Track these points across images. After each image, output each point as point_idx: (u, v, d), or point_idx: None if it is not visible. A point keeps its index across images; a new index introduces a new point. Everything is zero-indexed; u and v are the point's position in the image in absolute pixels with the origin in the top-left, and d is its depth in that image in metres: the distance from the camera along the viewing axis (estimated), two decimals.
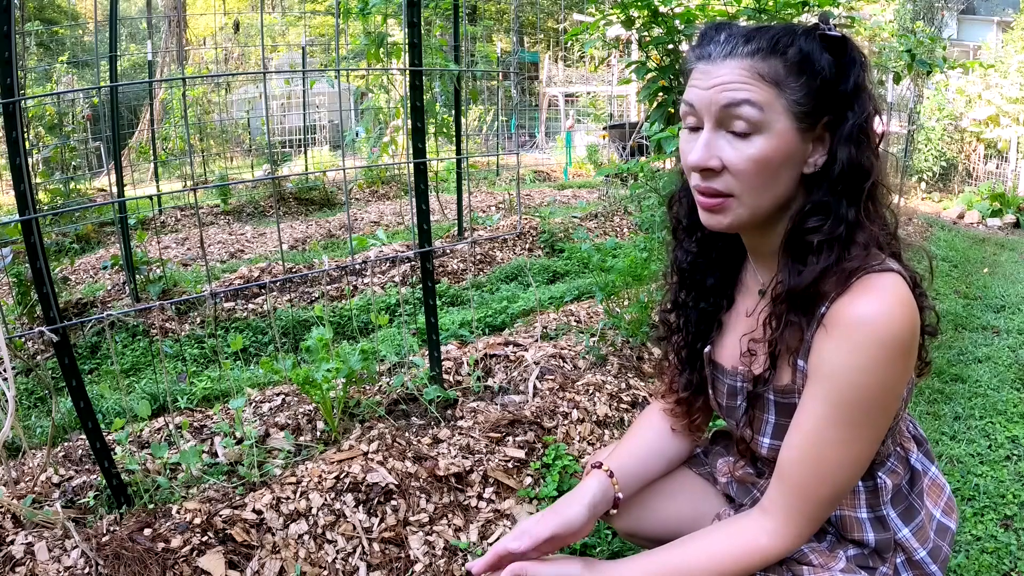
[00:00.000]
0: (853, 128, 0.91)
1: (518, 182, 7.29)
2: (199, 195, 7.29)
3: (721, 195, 0.92)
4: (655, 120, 2.78)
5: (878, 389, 0.88)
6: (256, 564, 1.54)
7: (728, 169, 0.90)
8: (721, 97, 0.89)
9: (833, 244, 0.91)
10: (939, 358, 3.12)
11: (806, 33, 0.91)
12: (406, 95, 2.35)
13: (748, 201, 0.92)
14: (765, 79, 0.88)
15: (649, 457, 1.21)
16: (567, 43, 15.18)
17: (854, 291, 0.88)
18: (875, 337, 0.86)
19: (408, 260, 4.34)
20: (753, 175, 0.90)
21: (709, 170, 0.91)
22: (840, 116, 0.91)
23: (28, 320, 3.35)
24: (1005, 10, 13.49)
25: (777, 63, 0.89)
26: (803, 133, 0.91)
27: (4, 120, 1.44)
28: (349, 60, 7.46)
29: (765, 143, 0.89)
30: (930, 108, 9.27)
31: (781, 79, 0.89)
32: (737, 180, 0.91)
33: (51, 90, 7.21)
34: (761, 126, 0.88)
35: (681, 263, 1.13)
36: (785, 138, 0.89)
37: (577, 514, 1.06)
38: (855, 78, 0.91)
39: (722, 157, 0.90)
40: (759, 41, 0.89)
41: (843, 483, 0.94)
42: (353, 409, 2.22)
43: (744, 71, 0.89)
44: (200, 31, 14.63)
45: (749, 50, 0.89)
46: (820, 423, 0.91)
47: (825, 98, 0.91)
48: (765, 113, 0.88)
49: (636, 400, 2.45)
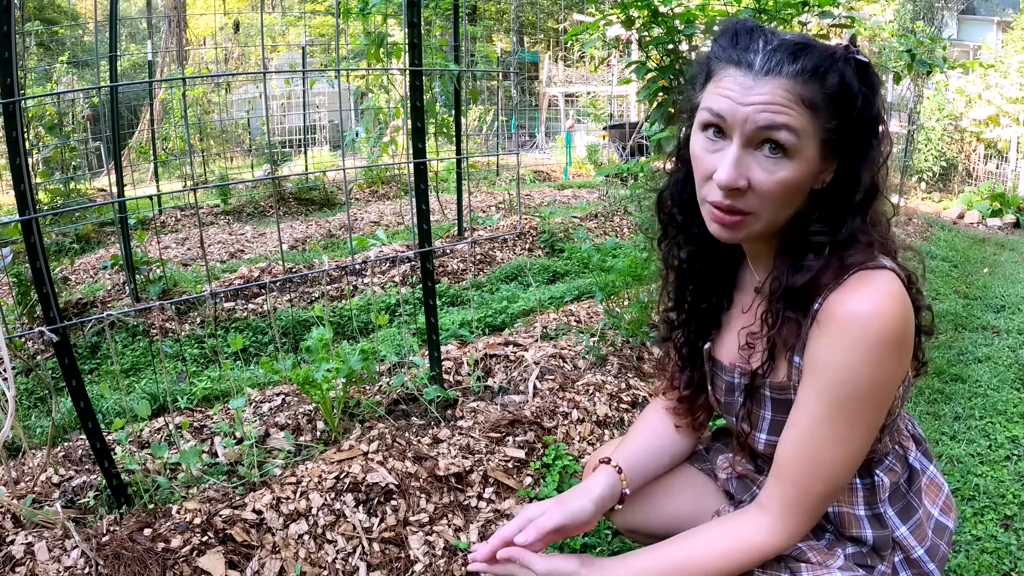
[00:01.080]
0: (876, 155, 0.92)
1: (518, 182, 7.29)
2: (199, 195, 7.29)
3: (742, 213, 0.91)
4: (655, 120, 2.78)
5: (872, 385, 0.89)
6: (256, 564, 1.54)
7: (754, 189, 0.89)
8: (760, 118, 0.86)
9: (836, 246, 0.92)
10: (939, 358, 3.12)
11: (843, 59, 0.89)
12: (406, 95, 2.35)
13: (766, 218, 0.92)
14: (804, 104, 0.86)
15: (654, 454, 1.22)
16: (567, 43, 15.18)
17: (847, 287, 0.89)
18: (868, 333, 0.86)
19: (408, 260, 4.34)
20: (778, 197, 0.89)
21: (736, 189, 0.89)
22: (863, 141, 0.92)
23: (28, 320, 3.35)
24: (1005, 10, 13.49)
25: (816, 88, 0.86)
26: (824, 155, 0.91)
27: (4, 120, 1.44)
28: (349, 60, 7.46)
29: (795, 168, 0.88)
30: (930, 108, 9.27)
31: (818, 105, 0.87)
32: (761, 200, 0.90)
33: (51, 90, 7.20)
34: (793, 151, 0.87)
35: (680, 262, 1.12)
36: (813, 162, 0.89)
37: (584, 508, 1.07)
38: (877, 105, 0.91)
39: (751, 178, 0.88)
40: (803, 62, 0.86)
41: (838, 479, 0.94)
42: (353, 409, 2.22)
43: (787, 93, 0.86)
44: (200, 31, 14.63)
45: (793, 71, 0.86)
46: (815, 420, 0.92)
47: (853, 126, 0.90)
48: (800, 140, 0.87)
49: (636, 400, 2.45)
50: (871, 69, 0.91)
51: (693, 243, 1.09)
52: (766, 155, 0.87)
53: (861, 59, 0.90)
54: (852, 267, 0.90)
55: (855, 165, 0.92)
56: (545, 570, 0.98)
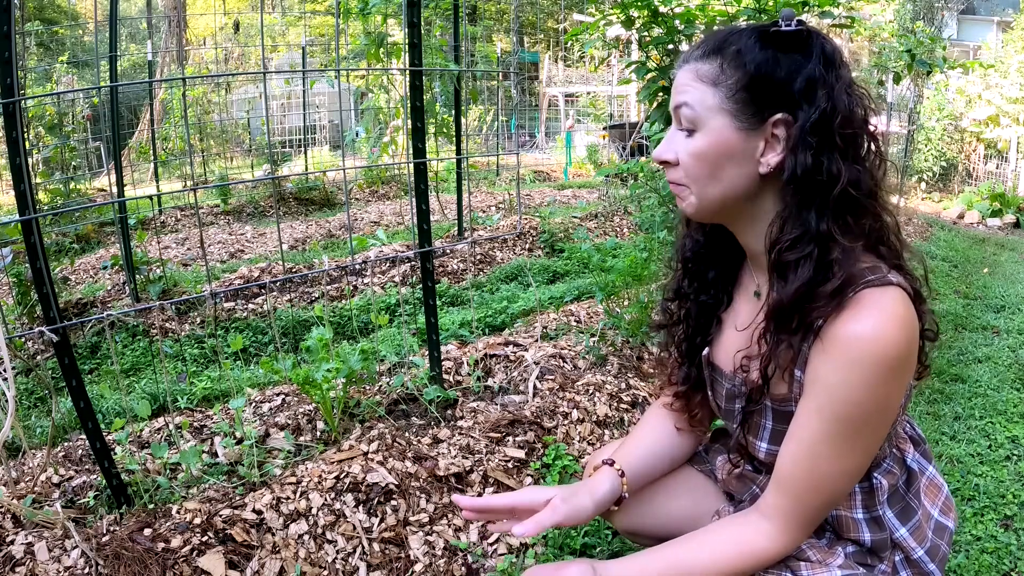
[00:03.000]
0: (803, 129, 0.89)
1: (518, 182, 7.29)
2: (199, 195, 7.29)
3: (677, 184, 0.99)
4: (655, 120, 2.78)
5: (873, 406, 0.88)
6: (256, 564, 1.54)
7: (679, 162, 0.97)
8: (673, 100, 0.97)
9: (805, 261, 0.90)
10: (939, 358, 3.12)
11: (753, 31, 0.92)
12: (406, 95, 2.35)
13: (696, 191, 0.97)
14: (703, 80, 0.93)
15: (655, 456, 1.22)
16: (567, 43, 15.18)
17: (851, 308, 0.87)
18: (871, 356, 0.85)
19: (408, 260, 4.34)
20: (693, 167, 0.95)
21: (666, 162, 0.99)
22: (789, 113, 0.90)
23: (28, 320, 3.35)
24: (1005, 10, 13.49)
25: (715, 63, 0.93)
26: (746, 131, 0.91)
27: (4, 120, 1.44)
28: (349, 60, 7.46)
29: (701, 139, 0.94)
30: (930, 108, 9.26)
31: (716, 78, 0.92)
32: (684, 172, 0.97)
33: (51, 90, 7.20)
34: (697, 123, 0.94)
35: (686, 251, 1.14)
36: (722, 134, 0.92)
37: (585, 507, 1.09)
38: (808, 74, 0.89)
39: (676, 151, 0.97)
40: (707, 44, 0.95)
41: (838, 492, 0.95)
42: (353, 409, 2.22)
43: (690, 74, 0.95)
44: (200, 31, 14.62)
45: (698, 54, 0.95)
46: (815, 437, 0.91)
47: (764, 94, 0.90)
48: (698, 111, 0.93)
49: (636, 400, 2.45)
50: (805, 38, 0.90)
51: (703, 233, 1.12)
52: (680, 130, 0.97)
53: (785, 29, 0.89)
54: (858, 285, 0.87)
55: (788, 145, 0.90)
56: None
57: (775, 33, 0.90)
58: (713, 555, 0.97)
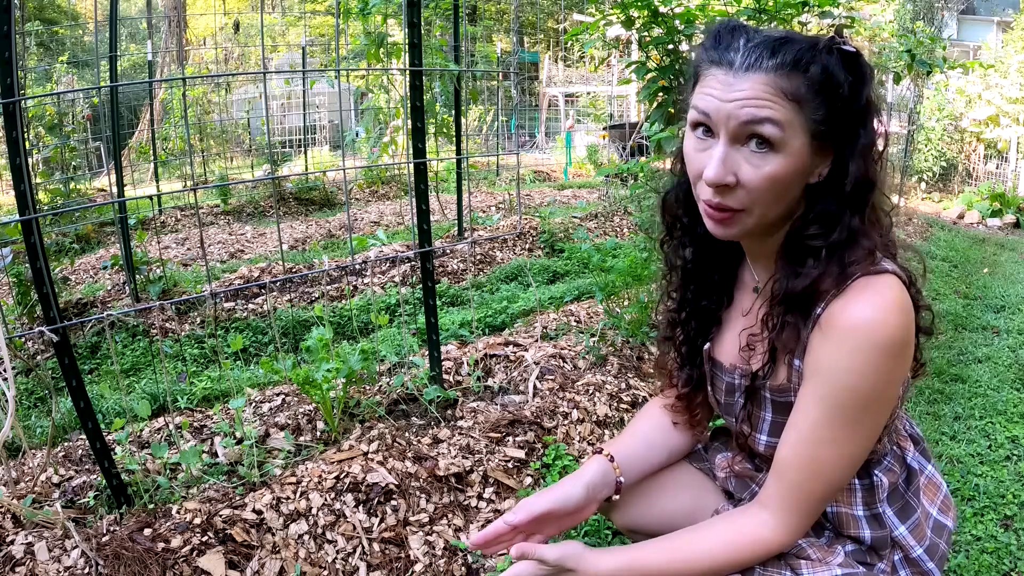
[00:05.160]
0: (865, 144, 0.91)
1: (518, 182, 7.29)
2: (199, 195, 7.28)
3: (732, 210, 0.91)
4: (655, 120, 2.78)
5: (872, 391, 0.89)
6: (256, 564, 1.54)
7: (742, 185, 0.89)
8: (743, 113, 0.87)
9: (834, 250, 0.91)
10: (939, 358, 3.12)
11: (827, 49, 0.89)
12: (406, 95, 2.35)
13: (758, 214, 0.92)
14: (787, 96, 0.86)
15: (650, 446, 1.22)
16: (567, 43, 15.18)
17: (850, 293, 0.89)
18: (870, 340, 0.87)
19: (408, 260, 4.34)
20: (767, 192, 0.89)
21: (724, 186, 0.89)
22: (852, 132, 0.91)
23: (28, 320, 3.35)
24: (1005, 10, 13.48)
25: (799, 80, 0.87)
26: (815, 148, 0.91)
27: (4, 120, 1.45)
28: (349, 60, 7.45)
29: (782, 161, 0.88)
30: (930, 108, 9.26)
31: (802, 97, 0.87)
32: (750, 196, 0.90)
33: (51, 90, 7.21)
34: (780, 144, 0.87)
35: (684, 261, 1.13)
36: (800, 155, 0.89)
37: (574, 491, 1.08)
38: (867, 95, 0.91)
39: (738, 174, 0.89)
40: (783, 55, 0.87)
41: (838, 480, 0.95)
42: (353, 409, 2.22)
43: (768, 87, 0.86)
44: (200, 31, 14.62)
45: (773, 64, 0.86)
46: (815, 423, 0.92)
47: (841, 116, 0.90)
48: (785, 132, 0.87)
49: (636, 400, 2.45)
50: (860, 59, 0.90)
51: (697, 243, 1.10)
52: (752, 150, 0.88)
53: (847, 49, 0.89)
54: (855, 272, 0.90)
55: (844, 156, 0.92)
56: (555, 557, 0.99)
57: (847, 53, 0.89)
58: (711, 546, 0.98)
